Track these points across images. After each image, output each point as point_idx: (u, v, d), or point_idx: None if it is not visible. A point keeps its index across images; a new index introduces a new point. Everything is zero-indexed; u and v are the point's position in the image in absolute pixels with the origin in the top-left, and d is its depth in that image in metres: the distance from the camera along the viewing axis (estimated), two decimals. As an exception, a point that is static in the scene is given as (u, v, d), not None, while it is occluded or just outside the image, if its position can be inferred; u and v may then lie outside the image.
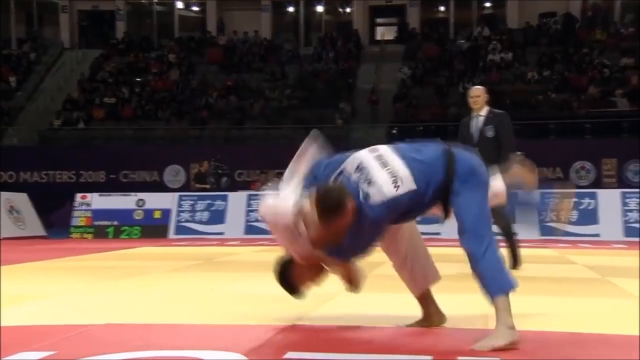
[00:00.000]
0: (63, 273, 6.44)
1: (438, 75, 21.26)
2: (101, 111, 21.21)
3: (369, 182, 2.98)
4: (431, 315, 3.41)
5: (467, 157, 3.16)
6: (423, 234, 3.52)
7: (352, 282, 3.34)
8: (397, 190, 2.96)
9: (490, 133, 6.58)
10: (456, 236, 3.04)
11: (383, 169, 3.01)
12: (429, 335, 3.14)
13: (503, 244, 6.52)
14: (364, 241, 3.08)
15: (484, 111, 6.72)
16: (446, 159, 3.05)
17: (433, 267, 3.46)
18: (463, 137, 6.71)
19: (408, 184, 2.98)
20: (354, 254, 3.17)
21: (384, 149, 3.14)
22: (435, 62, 21.73)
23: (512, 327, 2.92)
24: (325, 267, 3.33)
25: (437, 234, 10.76)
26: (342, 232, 2.96)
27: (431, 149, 3.12)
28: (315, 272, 3.34)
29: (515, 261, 6.49)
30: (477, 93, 6.77)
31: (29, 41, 25.14)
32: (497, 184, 3.34)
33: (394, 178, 2.98)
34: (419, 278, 3.39)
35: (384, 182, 2.97)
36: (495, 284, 2.94)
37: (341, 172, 3.09)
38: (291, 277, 3.37)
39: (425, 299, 3.42)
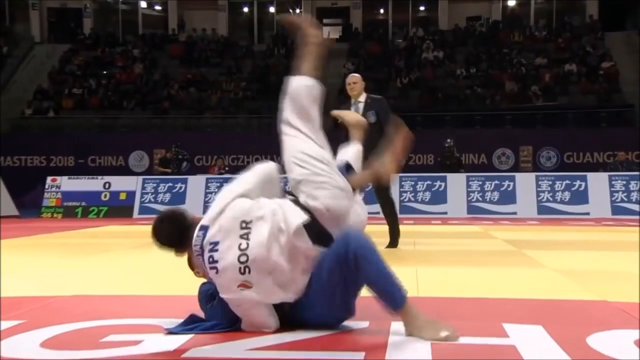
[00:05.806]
0: (34, 249, 6.29)
1: (379, 71, 21.36)
2: (70, 101, 20.66)
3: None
4: None
5: None
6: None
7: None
8: None
9: (372, 118, 6.11)
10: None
11: None
12: (365, 302, 3.18)
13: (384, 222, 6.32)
14: None
15: (362, 97, 6.24)
16: None
17: None
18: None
19: None
20: None
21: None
22: (376, 59, 21.81)
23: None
24: None
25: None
26: None
27: None
28: None
29: (394, 242, 6.15)
30: (354, 80, 6.23)
31: (1, 36, 24.19)
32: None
33: None
34: None
35: None
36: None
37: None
38: None
39: None
